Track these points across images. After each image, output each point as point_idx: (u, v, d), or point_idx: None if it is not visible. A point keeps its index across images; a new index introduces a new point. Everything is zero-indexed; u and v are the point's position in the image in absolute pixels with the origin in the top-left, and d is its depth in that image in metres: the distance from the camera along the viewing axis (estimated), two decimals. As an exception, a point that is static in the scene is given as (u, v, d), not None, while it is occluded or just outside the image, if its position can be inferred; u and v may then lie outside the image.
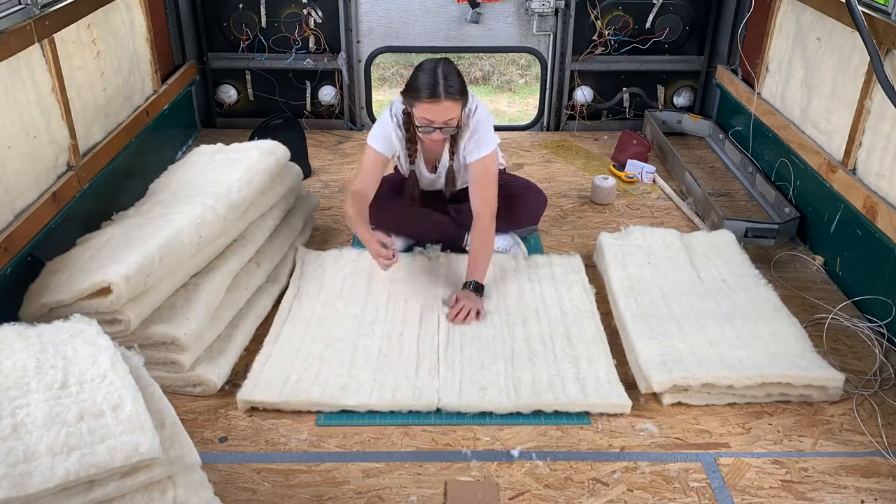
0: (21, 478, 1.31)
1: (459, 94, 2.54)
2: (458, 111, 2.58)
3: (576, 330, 2.55)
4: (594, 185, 3.52)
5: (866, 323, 2.62)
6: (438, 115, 2.54)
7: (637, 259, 2.87)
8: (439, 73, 2.51)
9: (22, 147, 2.45)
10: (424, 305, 2.66)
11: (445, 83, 2.50)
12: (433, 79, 2.51)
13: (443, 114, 2.54)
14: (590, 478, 2.01)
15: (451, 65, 2.58)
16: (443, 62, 2.57)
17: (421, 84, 2.52)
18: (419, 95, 2.53)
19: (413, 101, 2.57)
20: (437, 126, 2.57)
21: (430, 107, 2.52)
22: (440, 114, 2.54)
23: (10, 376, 1.49)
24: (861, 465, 2.06)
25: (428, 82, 2.51)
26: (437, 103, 2.51)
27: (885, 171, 2.66)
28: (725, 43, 4.16)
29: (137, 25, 3.44)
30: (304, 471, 2.03)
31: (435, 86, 2.50)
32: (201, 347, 2.32)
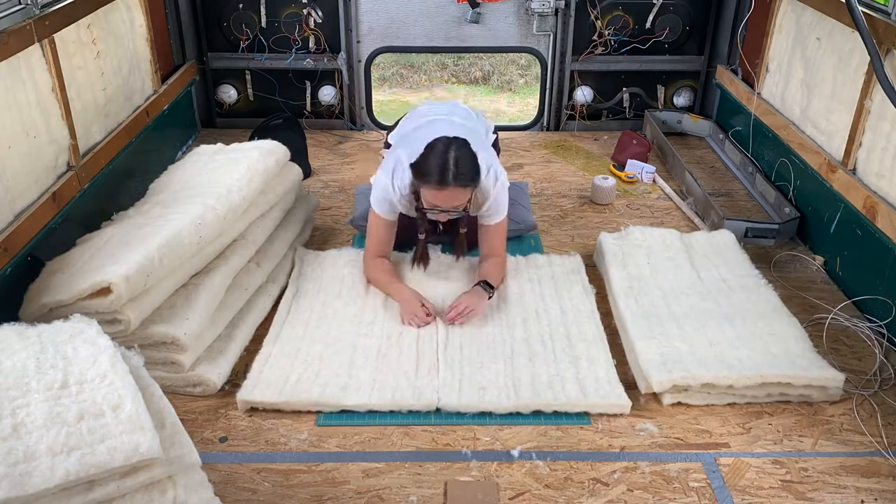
0: (21, 478, 1.31)
1: (470, 181, 2.44)
2: (468, 196, 2.49)
3: (576, 330, 2.55)
4: (594, 185, 3.51)
5: (866, 323, 2.62)
6: (446, 201, 2.46)
7: (637, 259, 2.87)
8: (450, 160, 2.39)
9: (22, 147, 2.45)
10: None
11: (456, 171, 2.39)
12: (443, 165, 2.39)
13: (450, 200, 2.46)
14: (590, 478, 2.01)
15: (465, 148, 2.45)
16: (455, 145, 2.43)
17: (430, 169, 2.41)
18: (427, 181, 2.42)
19: (420, 183, 2.47)
20: (444, 210, 2.50)
21: (438, 193, 2.43)
22: (447, 200, 2.45)
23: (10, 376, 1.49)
24: (861, 465, 2.06)
25: (438, 169, 2.39)
26: (445, 191, 2.42)
27: (885, 171, 2.66)
28: (725, 43, 4.16)
29: (137, 25, 3.44)
30: (304, 471, 2.03)
31: (444, 172, 2.38)
32: (201, 347, 2.32)
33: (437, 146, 2.44)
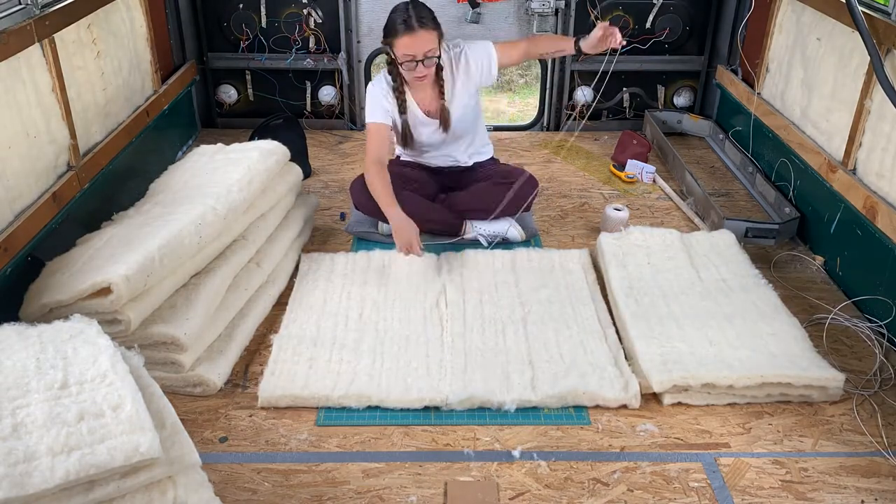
0: (21, 478, 1.31)
1: (433, 24, 2.74)
2: (436, 41, 2.75)
3: (585, 324, 2.57)
4: (605, 215, 3.22)
5: (866, 323, 2.62)
6: (417, 47, 2.71)
7: (637, 259, 2.87)
8: (410, 9, 2.72)
9: (22, 147, 2.45)
10: (428, 303, 2.67)
11: (417, 15, 2.70)
12: (406, 14, 2.71)
13: (421, 45, 2.71)
14: (590, 478, 2.01)
15: (420, 2, 2.79)
16: (412, 1, 2.76)
17: (395, 22, 2.72)
18: (396, 32, 2.71)
19: (392, 39, 2.75)
20: (419, 59, 2.73)
21: (408, 40, 2.70)
22: (418, 45, 2.71)
23: (10, 376, 1.49)
24: (861, 466, 2.06)
25: (402, 18, 2.71)
26: (413, 35, 2.69)
27: (886, 171, 2.66)
28: (725, 43, 4.16)
29: (137, 25, 3.44)
30: (304, 471, 2.03)
31: (408, 20, 2.69)
32: (201, 347, 2.32)
33: (397, 6, 2.79)
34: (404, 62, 2.76)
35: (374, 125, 2.94)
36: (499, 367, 2.36)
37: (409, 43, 2.71)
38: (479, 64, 2.96)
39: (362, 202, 3.03)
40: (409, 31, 2.69)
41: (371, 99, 2.95)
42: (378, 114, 2.93)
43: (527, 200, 3.10)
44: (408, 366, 2.36)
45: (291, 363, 2.36)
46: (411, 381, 2.29)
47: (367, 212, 3.04)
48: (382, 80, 2.95)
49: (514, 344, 2.47)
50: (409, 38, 2.70)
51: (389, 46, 2.79)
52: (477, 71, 2.97)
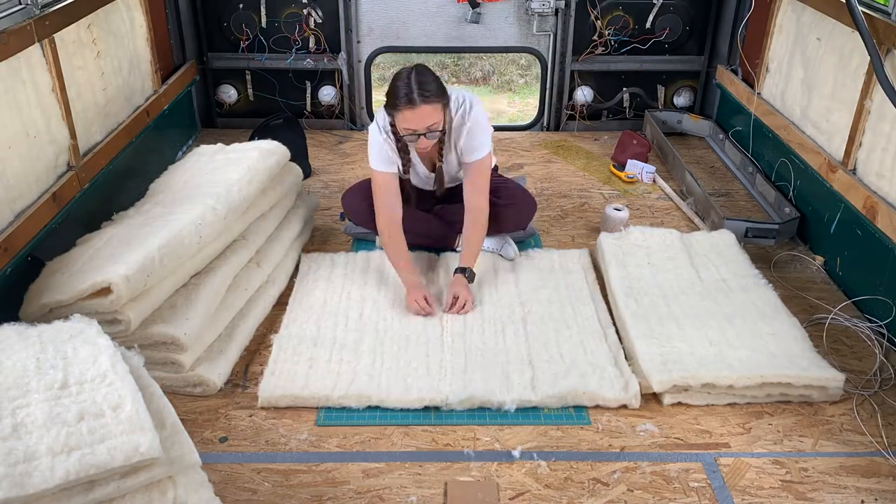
0: (21, 478, 1.31)
1: (437, 97, 2.52)
2: (440, 115, 2.55)
3: (585, 324, 2.57)
4: (605, 215, 3.24)
5: (866, 323, 2.62)
6: (418, 122, 2.51)
7: (637, 259, 2.87)
8: (413, 81, 2.49)
9: (22, 147, 2.45)
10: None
11: (420, 89, 2.48)
12: (408, 87, 2.49)
13: (423, 120, 2.51)
14: (590, 478, 2.01)
15: (425, 69, 2.56)
16: (415, 68, 2.55)
17: (397, 94, 2.51)
18: (397, 105, 2.51)
19: (393, 112, 2.56)
20: (421, 132, 2.54)
21: (409, 115, 2.50)
22: (420, 120, 2.51)
23: (10, 376, 1.48)
24: (861, 465, 2.06)
25: (404, 91, 2.49)
26: (414, 110, 2.49)
27: (886, 172, 2.66)
28: (725, 43, 4.16)
29: (137, 25, 3.44)
30: (305, 471, 2.03)
31: (410, 93, 2.48)
32: (201, 347, 2.32)
33: (400, 73, 2.56)
34: (405, 135, 2.59)
35: (381, 175, 2.74)
36: (499, 366, 2.36)
37: (411, 118, 2.51)
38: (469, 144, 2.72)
39: (354, 213, 3.00)
40: (410, 106, 2.49)
41: (376, 146, 2.73)
42: (383, 163, 2.73)
43: (525, 222, 3.07)
44: (408, 366, 2.36)
45: (291, 363, 2.36)
46: (411, 381, 2.29)
47: (361, 223, 3.02)
48: (384, 131, 2.73)
49: (514, 344, 2.47)
50: (411, 112, 2.50)
51: (391, 115, 2.62)
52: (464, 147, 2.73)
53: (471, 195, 2.77)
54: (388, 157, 2.73)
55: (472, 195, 2.77)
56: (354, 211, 2.99)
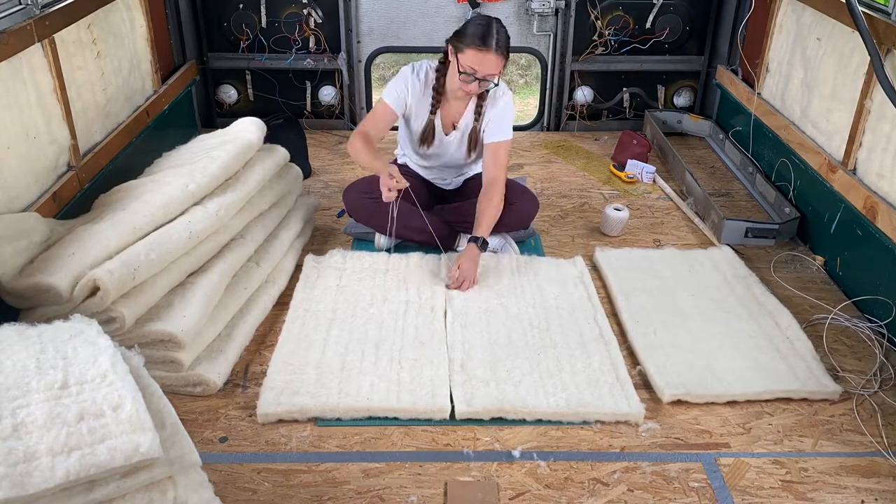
0: (21, 478, 1.31)
1: (505, 53, 2.63)
2: (500, 68, 2.65)
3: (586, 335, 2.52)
4: (605, 215, 3.23)
5: (866, 323, 2.63)
6: (484, 65, 2.60)
7: (638, 269, 2.88)
8: (493, 27, 2.59)
9: (22, 147, 2.45)
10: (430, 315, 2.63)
11: (497, 37, 2.58)
12: (487, 30, 2.58)
13: (488, 66, 2.60)
14: (590, 478, 2.01)
15: (503, 24, 2.66)
16: (496, 20, 2.64)
17: (474, 31, 2.59)
18: (471, 41, 2.58)
19: (462, 46, 2.61)
20: (479, 77, 2.63)
21: (479, 55, 2.58)
22: (486, 65, 2.60)
23: (10, 376, 1.48)
24: (861, 465, 2.07)
25: (482, 31, 2.58)
26: (486, 52, 2.57)
27: (886, 172, 2.66)
28: (725, 43, 4.16)
29: (137, 25, 3.44)
30: (305, 471, 2.03)
31: (488, 37, 2.57)
32: (200, 346, 2.31)
33: (480, 17, 2.67)
34: (463, 73, 2.63)
35: (384, 105, 2.83)
36: (503, 381, 2.30)
37: (478, 59, 2.59)
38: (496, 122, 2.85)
39: (356, 210, 3.00)
40: (483, 48, 2.57)
41: (400, 80, 2.83)
42: (397, 97, 2.82)
43: (527, 221, 3.08)
44: (411, 379, 2.31)
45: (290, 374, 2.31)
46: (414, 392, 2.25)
47: (361, 220, 3.02)
48: (419, 75, 2.82)
49: (517, 356, 2.42)
50: (481, 53, 2.58)
51: (455, 50, 2.65)
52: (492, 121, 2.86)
53: (491, 167, 2.85)
54: (403, 96, 2.82)
55: (492, 167, 2.85)
56: (355, 208, 2.99)
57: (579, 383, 2.29)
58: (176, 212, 2.44)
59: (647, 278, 2.83)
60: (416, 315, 2.61)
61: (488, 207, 2.80)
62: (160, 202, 2.42)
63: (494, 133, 2.84)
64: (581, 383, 2.29)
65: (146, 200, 2.43)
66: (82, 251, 2.19)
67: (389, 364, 2.37)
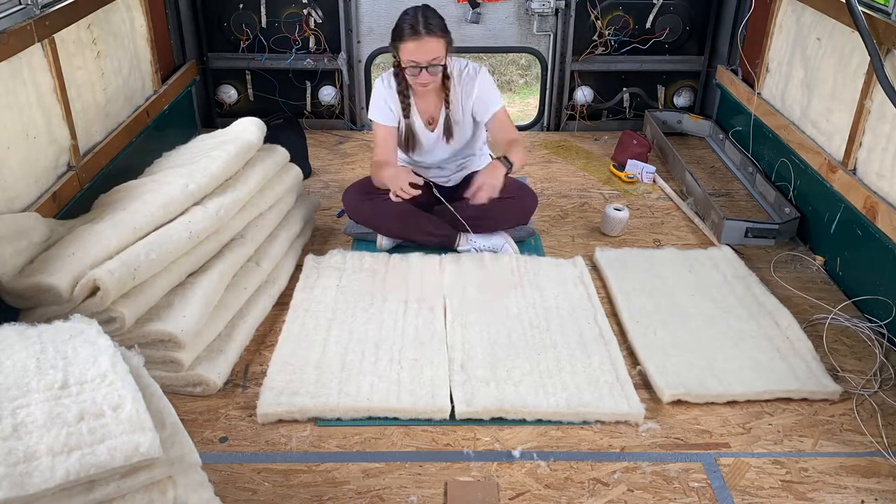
0: (21, 478, 1.31)
1: (441, 32, 2.66)
2: (442, 50, 2.67)
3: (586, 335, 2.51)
4: (605, 215, 3.23)
5: (866, 323, 2.62)
6: (422, 54, 2.63)
7: (638, 269, 2.88)
8: (419, 14, 2.64)
9: (22, 147, 2.45)
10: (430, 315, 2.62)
11: (426, 20, 2.62)
12: (414, 19, 2.63)
13: (426, 52, 2.63)
14: (590, 478, 2.01)
15: (431, 8, 2.71)
16: (423, 6, 2.69)
17: (403, 25, 2.64)
18: (402, 36, 2.63)
19: (397, 43, 2.66)
20: (423, 66, 2.65)
21: (413, 45, 2.62)
22: (424, 52, 2.63)
23: (10, 376, 1.48)
24: (861, 465, 2.06)
25: (410, 21, 2.63)
26: (419, 40, 2.61)
27: (886, 172, 2.66)
28: (725, 43, 4.16)
29: (137, 25, 3.44)
30: (305, 471, 2.03)
31: (416, 25, 2.61)
32: (200, 346, 2.31)
33: (407, 10, 2.69)
34: (408, 67, 2.68)
35: (379, 126, 2.89)
36: (503, 381, 2.30)
37: (414, 49, 2.63)
38: (481, 99, 2.85)
39: (354, 211, 3.00)
40: (415, 37, 2.62)
41: (376, 97, 2.89)
42: (383, 114, 2.88)
43: (527, 216, 3.08)
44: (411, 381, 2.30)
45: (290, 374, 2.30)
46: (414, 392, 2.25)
47: (362, 222, 3.02)
48: (387, 80, 2.88)
49: (517, 356, 2.41)
50: (415, 43, 2.62)
51: (395, 50, 2.72)
52: (477, 101, 2.86)
53: (502, 135, 2.87)
54: (388, 108, 2.85)
55: (503, 134, 2.87)
56: (354, 209, 3.00)
57: (579, 383, 2.29)
58: (176, 212, 2.44)
59: (647, 278, 2.84)
60: (416, 315, 2.61)
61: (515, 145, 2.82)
62: (160, 202, 2.42)
63: (485, 110, 2.87)
64: (581, 383, 2.29)
65: (146, 200, 2.43)
66: (82, 251, 2.19)
67: (389, 364, 2.37)
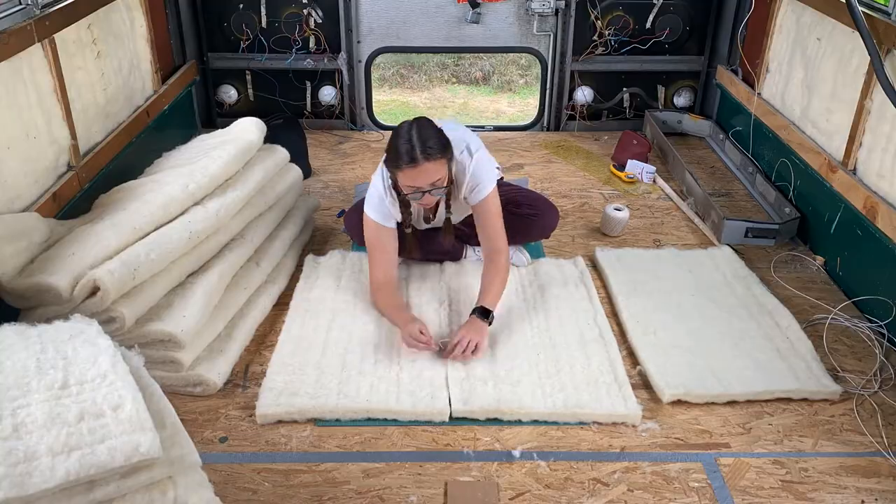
0: (21, 478, 1.31)
1: (440, 153, 2.40)
2: (444, 171, 2.44)
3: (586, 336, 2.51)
4: (605, 215, 3.23)
5: (866, 323, 2.62)
6: (422, 179, 2.41)
7: (635, 269, 2.88)
8: (414, 137, 2.38)
9: (22, 147, 2.45)
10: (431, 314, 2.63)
11: (423, 146, 2.37)
12: (409, 144, 2.37)
13: (427, 177, 2.40)
14: (590, 478, 2.01)
15: (426, 123, 2.45)
16: (416, 123, 2.43)
17: (399, 151, 2.39)
18: (399, 164, 2.40)
19: (395, 170, 2.44)
20: (425, 190, 2.44)
21: (412, 173, 2.39)
22: (424, 178, 2.40)
23: (10, 376, 1.48)
24: (861, 465, 2.06)
25: (406, 148, 2.37)
26: (417, 168, 2.37)
27: (886, 172, 2.66)
28: (725, 43, 4.16)
29: (138, 25, 3.44)
30: (305, 471, 2.03)
31: (412, 150, 2.36)
32: (200, 346, 2.31)
33: (401, 129, 2.44)
34: (409, 194, 2.47)
35: (376, 225, 2.61)
36: (501, 381, 2.30)
37: (414, 176, 2.39)
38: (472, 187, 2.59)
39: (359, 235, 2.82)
40: (413, 164, 2.37)
41: (376, 197, 2.61)
42: (383, 215, 2.61)
43: (548, 232, 3.00)
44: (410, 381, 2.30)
45: (289, 375, 2.31)
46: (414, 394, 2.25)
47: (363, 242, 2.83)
48: (386, 187, 2.59)
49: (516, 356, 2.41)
50: (414, 171, 2.38)
51: (392, 174, 2.50)
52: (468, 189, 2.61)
53: (487, 240, 2.63)
54: (388, 212, 2.61)
55: (488, 240, 2.63)
56: (357, 231, 2.85)
57: (578, 384, 2.30)
58: (176, 212, 2.44)
59: (647, 278, 2.84)
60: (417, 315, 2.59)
61: (494, 279, 2.58)
62: (160, 202, 2.42)
63: (474, 196, 2.61)
64: (579, 384, 2.30)
65: (146, 200, 2.43)
66: (82, 251, 2.19)
67: (389, 365, 2.37)
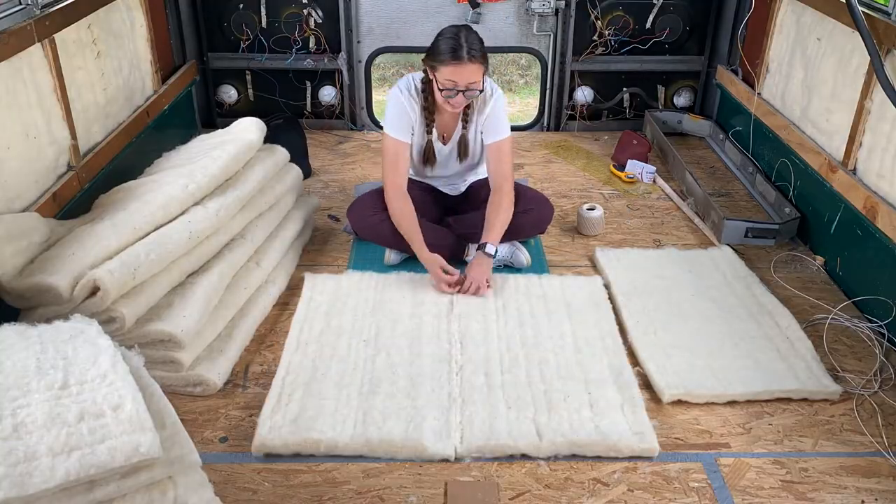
0: (21, 478, 1.31)
1: (482, 57, 2.60)
2: (481, 75, 2.63)
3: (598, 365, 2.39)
4: (579, 215, 3.23)
5: (866, 323, 2.62)
6: (462, 77, 2.58)
7: (635, 269, 2.89)
8: (462, 37, 2.57)
9: (22, 147, 2.45)
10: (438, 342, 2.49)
11: (468, 46, 2.56)
12: (456, 42, 2.56)
13: (466, 76, 2.58)
14: (590, 478, 2.01)
15: (472, 30, 2.64)
16: (463, 27, 2.62)
17: (444, 47, 2.58)
18: (443, 58, 2.57)
19: (436, 64, 2.60)
20: (461, 89, 2.61)
21: (454, 69, 2.57)
22: (464, 76, 2.58)
23: (10, 376, 1.48)
24: (861, 466, 2.07)
25: (452, 45, 2.56)
26: (460, 65, 2.56)
27: (886, 172, 2.66)
28: (726, 43, 4.16)
29: (138, 25, 3.44)
30: (305, 471, 2.03)
31: (458, 49, 2.55)
32: (201, 346, 2.31)
33: (448, 30, 2.63)
34: (444, 89, 2.61)
35: (394, 142, 2.74)
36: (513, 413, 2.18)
37: (455, 72, 2.57)
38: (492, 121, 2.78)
39: (362, 230, 2.92)
40: (456, 61, 2.55)
41: (395, 109, 2.74)
42: (401, 128, 2.75)
43: (543, 227, 3.05)
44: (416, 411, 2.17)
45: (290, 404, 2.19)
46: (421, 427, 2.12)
47: (369, 238, 2.94)
48: (410, 92, 2.76)
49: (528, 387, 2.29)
50: (456, 67, 2.56)
51: (431, 70, 2.64)
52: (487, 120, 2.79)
53: (495, 171, 2.82)
54: (406, 121, 2.76)
55: (496, 171, 2.82)
56: (360, 225, 2.92)
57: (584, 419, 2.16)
58: (176, 212, 2.45)
59: (648, 278, 2.84)
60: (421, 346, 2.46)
61: (498, 214, 2.76)
62: (160, 202, 2.42)
63: (491, 134, 2.80)
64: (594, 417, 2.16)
65: (146, 200, 2.43)
66: (82, 251, 2.19)
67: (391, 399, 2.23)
